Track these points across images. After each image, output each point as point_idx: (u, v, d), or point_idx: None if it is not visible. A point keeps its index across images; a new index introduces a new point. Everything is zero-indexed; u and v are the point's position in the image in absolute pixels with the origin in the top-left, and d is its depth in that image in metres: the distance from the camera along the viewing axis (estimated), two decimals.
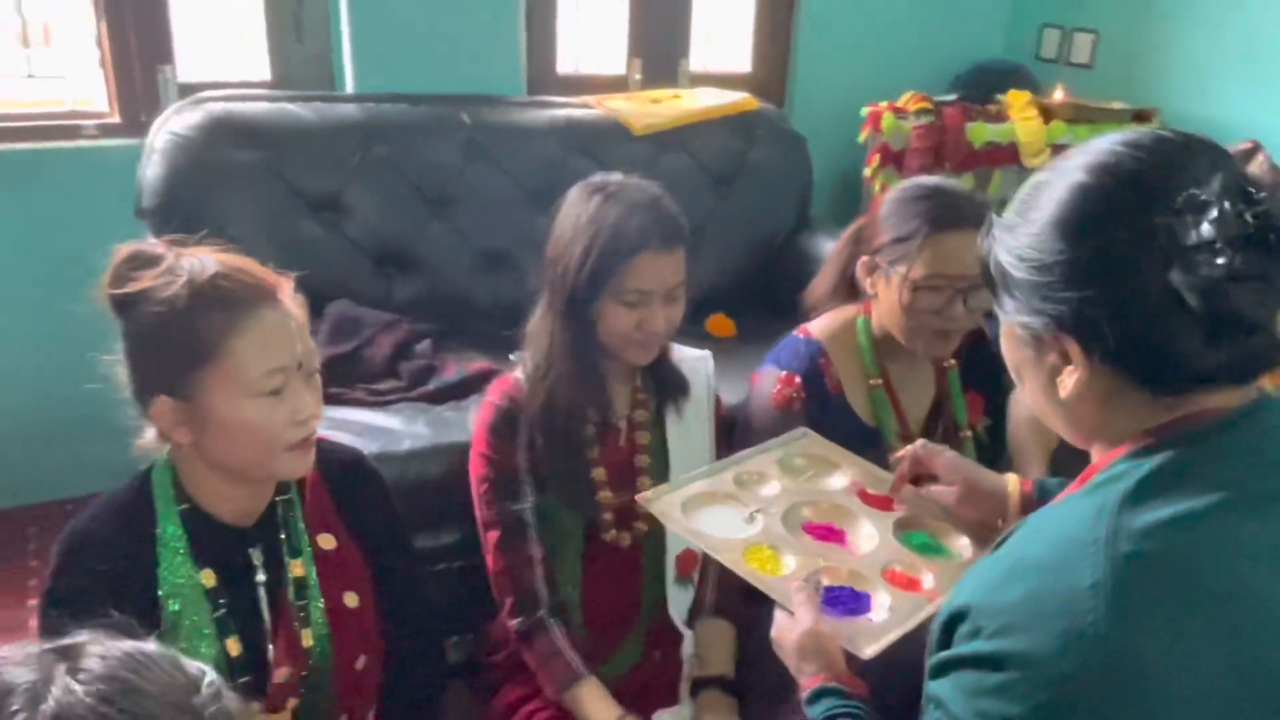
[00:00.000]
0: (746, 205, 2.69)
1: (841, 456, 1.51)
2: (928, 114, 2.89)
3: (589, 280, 1.44)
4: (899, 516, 1.38)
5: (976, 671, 0.82)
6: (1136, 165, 0.84)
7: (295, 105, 2.27)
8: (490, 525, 1.53)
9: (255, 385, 1.12)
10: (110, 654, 0.67)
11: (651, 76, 3.01)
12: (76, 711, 0.62)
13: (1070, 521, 0.84)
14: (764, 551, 1.30)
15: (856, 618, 1.21)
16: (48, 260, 2.32)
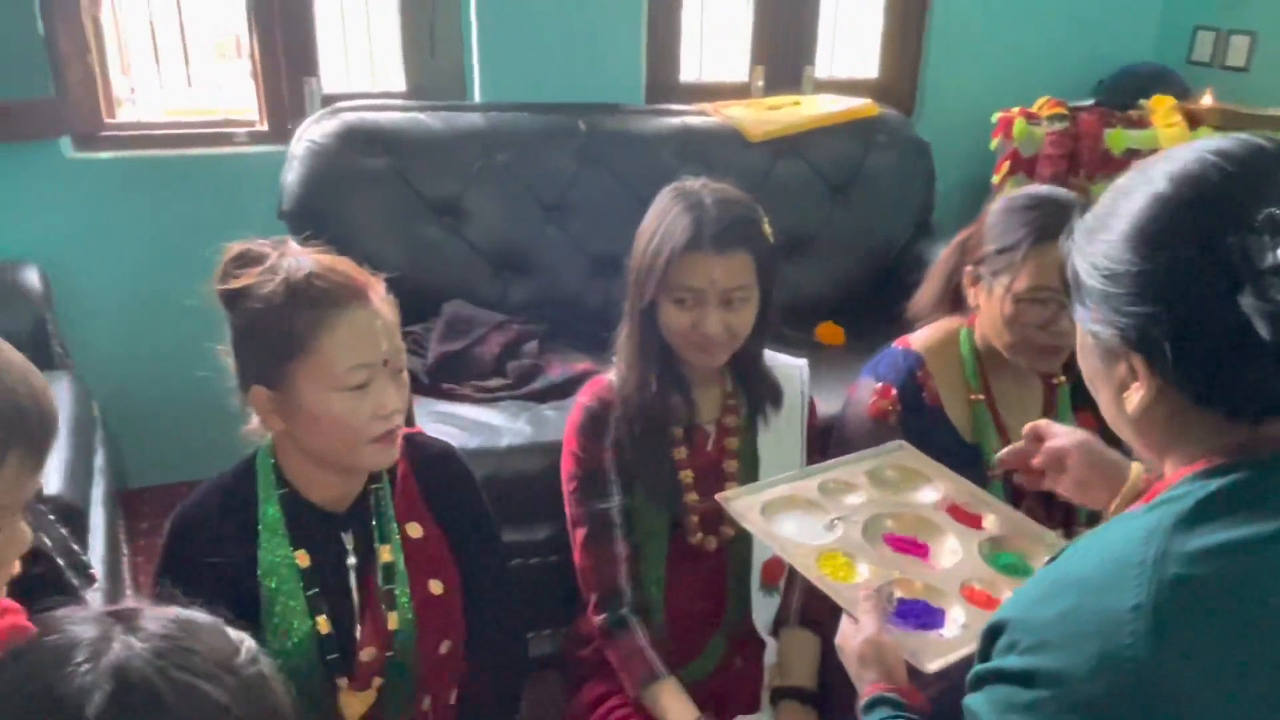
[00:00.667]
0: (863, 213, 2.64)
1: (936, 471, 1.46)
2: (1062, 119, 2.77)
3: (647, 277, 1.47)
4: (989, 535, 1.34)
5: (1009, 686, 0.80)
6: (1219, 177, 0.78)
7: (424, 115, 2.37)
8: (578, 522, 1.55)
9: (341, 380, 1.17)
10: (163, 617, 0.73)
11: (775, 83, 2.98)
12: (134, 664, 0.68)
13: (1120, 541, 0.80)
14: (838, 558, 1.28)
15: (927, 632, 1.18)
16: (199, 259, 2.49)
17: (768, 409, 1.61)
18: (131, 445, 2.59)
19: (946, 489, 1.42)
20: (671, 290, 1.46)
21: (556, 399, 2.00)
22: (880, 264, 2.65)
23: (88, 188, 2.43)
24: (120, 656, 0.68)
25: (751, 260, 1.47)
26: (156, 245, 2.49)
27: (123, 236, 2.48)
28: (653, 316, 1.49)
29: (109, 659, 0.68)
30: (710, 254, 1.44)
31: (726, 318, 1.46)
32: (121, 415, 2.51)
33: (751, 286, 1.48)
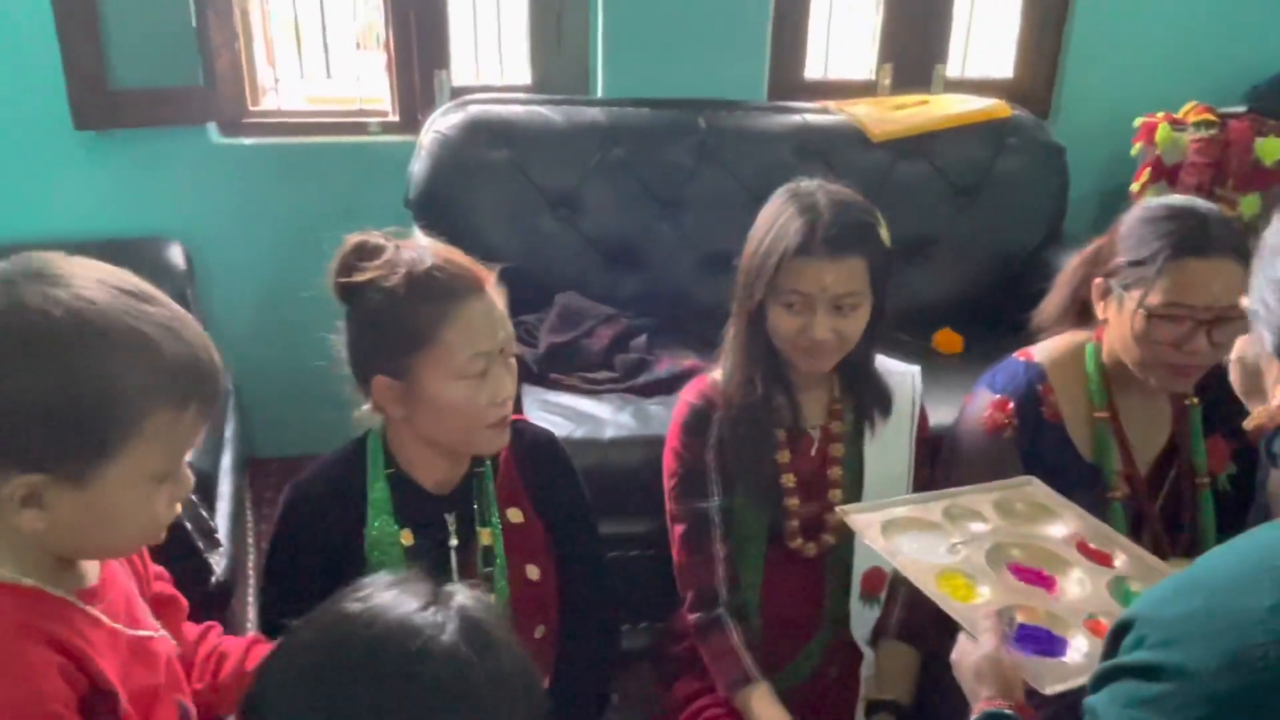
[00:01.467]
0: (989, 217, 2.55)
1: (1066, 508, 1.40)
2: (1210, 126, 2.61)
3: (756, 279, 1.45)
4: (1119, 574, 1.28)
5: (1133, 681, 0.80)
6: None
7: (546, 108, 2.40)
8: (677, 520, 1.54)
9: (462, 369, 1.20)
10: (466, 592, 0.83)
11: (902, 82, 2.90)
12: (473, 610, 0.79)
13: (1258, 546, 0.80)
14: (958, 579, 1.24)
15: (1048, 658, 1.14)
16: (329, 238, 2.58)
17: (875, 416, 1.56)
18: (260, 417, 2.71)
19: (1076, 526, 1.36)
20: (781, 294, 1.43)
21: (662, 394, 2.00)
22: (1005, 271, 2.55)
23: (230, 172, 2.55)
24: (459, 603, 0.79)
25: (865, 265, 1.43)
26: (291, 228, 2.58)
27: (260, 219, 2.59)
28: (760, 318, 1.47)
29: (453, 605, 0.78)
30: (822, 259, 1.40)
31: (836, 323, 1.43)
32: (252, 388, 2.63)
33: (864, 292, 1.44)
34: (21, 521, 0.81)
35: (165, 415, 0.83)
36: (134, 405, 0.81)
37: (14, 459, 0.79)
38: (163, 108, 2.38)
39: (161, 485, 0.87)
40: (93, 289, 0.81)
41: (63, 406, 0.78)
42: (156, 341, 0.82)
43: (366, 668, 0.74)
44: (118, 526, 0.86)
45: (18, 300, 0.78)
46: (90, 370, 0.79)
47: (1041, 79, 3.04)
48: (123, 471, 0.82)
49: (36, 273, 0.81)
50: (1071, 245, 2.57)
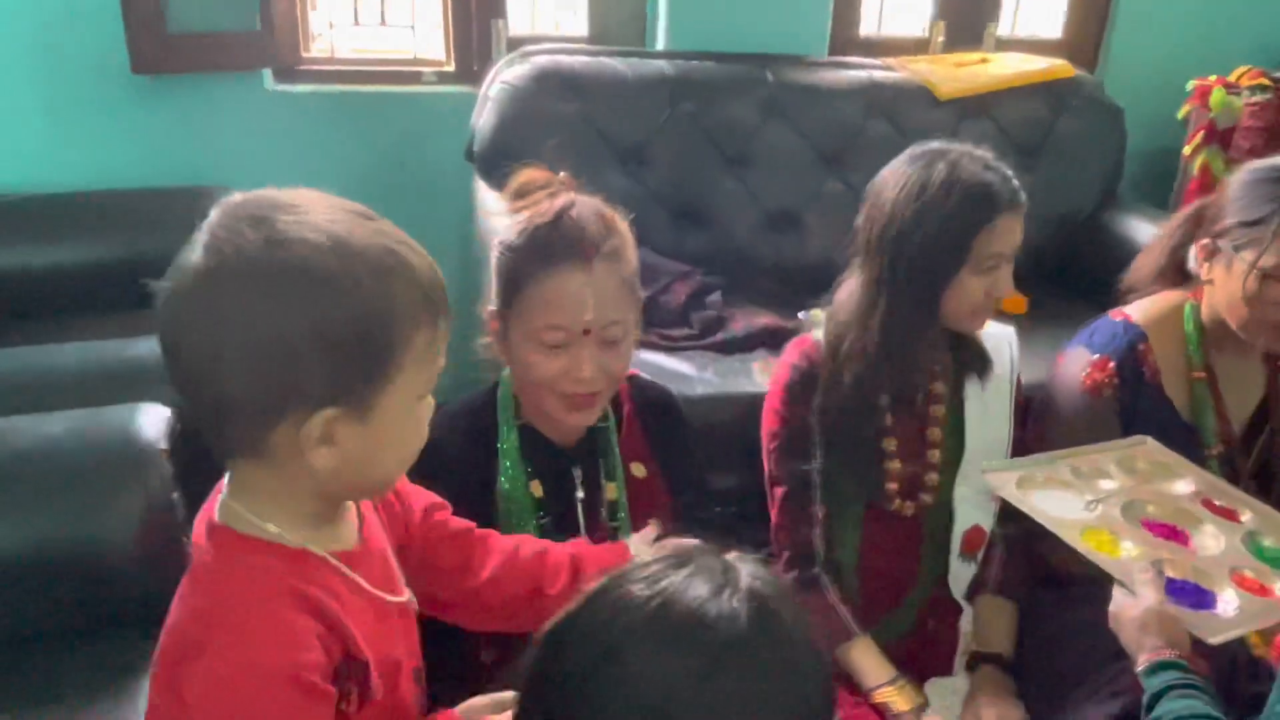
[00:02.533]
0: (1050, 178, 2.53)
1: (1184, 466, 1.42)
2: (1265, 90, 2.60)
3: (951, 249, 1.39)
4: (1249, 529, 1.30)
5: None
6: None
7: (613, 60, 2.35)
8: (777, 481, 1.54)
9: (536, 334, 1.19)
10: (752, 565, 0.74)
11: (955, 40, 2.87)
12: (765, 592, 0.70)
13: None
14: (1102, 535, 1.26)
15: (1199, 611, 1.16)
16: (386, 189, 2.53)
17: (979, 377, 1.56)
18: None
19: (1198, 483, 1.39)
20: (981, 259, 1.39)
21: (741, 352, 2.00)
22: (1065, 233, 2.54)
23: (285, 119, 2.49)
24: (751, 584, 0.70)
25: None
26: (346, 176, 2.53)
27: (315, 166, 2.54)
28: (934, 288, 1.41)
29: (743, 585, 0.70)
30: (1013, 215, 1.40)
31: (1010, 278, 1.43)
32: None
33: None
34: (317, 460, 0.79)
35: (426, 330, 0.82)
36: (404, 324, 0.79)
37: (308, 397, 0.77)
38: (219, 52, 2.32)
39: (422, 404, 0.86)
40: (335, 215, 0.78)
41: (346, 335, 0.76)
42: (405, 258, 0.80)
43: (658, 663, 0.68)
44: (395, 452, 0.85)
45: (277, 236, 0.75)
46: (363, 295, 0.77)
47: (1090, 39, 3.01)
48: (398, 395, 0.81)
49: (275, 205, 0.77)
50: (1127, 207, 2.58)
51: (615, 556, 1.14)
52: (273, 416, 0.77)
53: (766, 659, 0.67)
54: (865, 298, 1.47)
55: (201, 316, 0.75)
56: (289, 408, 0.77)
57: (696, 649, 0.66)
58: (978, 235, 1.38)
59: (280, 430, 0.77)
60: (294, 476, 0.81)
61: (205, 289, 0.75)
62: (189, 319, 0.76)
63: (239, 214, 0.76)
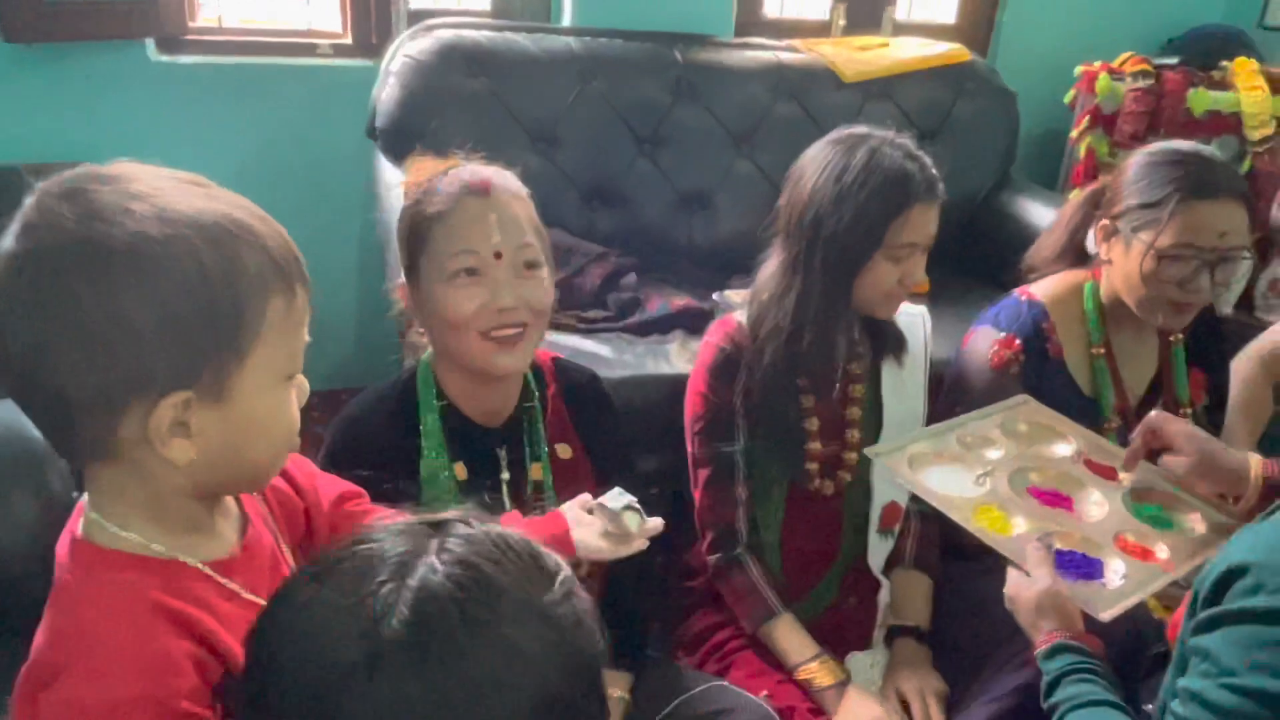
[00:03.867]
0: (949, 160, 2.54)
1: (1065, 425, 1.48)
2: (1145, 77, 2.70)
3: (865, 235, 1.39)
4: (1130, 488, 1.35)
5: (1254, 625, 0.82)
6: None
7: (518, 36, 2.30)
8: (701, 463, 1.54)
9: (447, 270, 1.18)
10: (474, 538, 0.65)
11: (855, 23, 2.90)
12: (434, 591, 0.60)
13: None
14: (993, 511, 1.29)
15: (1090, 582, 1.20)
16: (280, 166, 2.44)
17: (896, 356, 1.59)
18: None
19: (1079, 442, 1.44)
20: (893, 247, 1.41)
21: (658, 333, 1.99)
22: (962, 215, 2.60)
23: (170, 92, 2.34)
24: (423, 581, 0.61)
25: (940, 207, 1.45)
26: (239, 152, 2.41)
27: (205, 142, 2.40)
28: (849, 272, 1.43)
29: (413, 582, 0.61)
30: (928, 204, 1.41)
31: (923, 266, 1.46)
32: None
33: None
34: (173, 453, 0.72)
35: (280, 300, 0.75)
36: (254, 296, 0.73)
37: (149, 382, 0.70)
38: (98, 20, 2.17)
39: (289, 384, 0.80)
40: (161, 184, 0.71)
41: (184, 310, 0.69)
42: (247, 224, 0.73)
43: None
44: (263, 437, 0.78)
45: (96, 210, 0.68)
46: (200, 265, 0.70)
47: (983, 24, 3.10)
48: (256, 374, 0.75)
49: (94, 178, 0.70)
50: (1019, 189, 2.66)
51: (550, 528, 1.12)
52: (116, 408, 0.70)
53: (439, 653, 0.59)
54: (783, 279, 1.48)
55: (20, 306, 0.68)
56: (131, 396, 0.70)
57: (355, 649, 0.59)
58: (892, 223, 1.39)
59: (126, 424, 0.71)
60: (153, 476, 0.74)
61: (21, 275, 0.68)
62: (7, 310, 0.68)
63: (54, 192, 0.70)
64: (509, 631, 0.61)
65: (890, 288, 1.44)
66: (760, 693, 1.38)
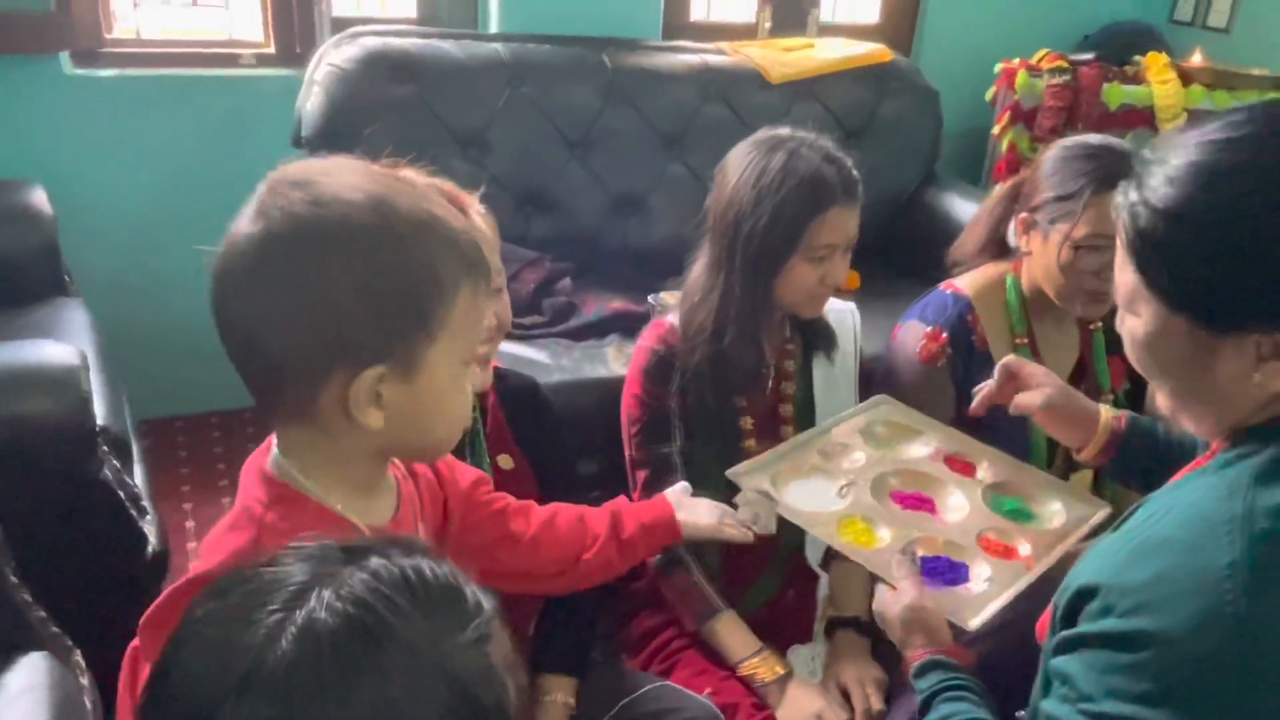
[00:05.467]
0: (875, 158, 2.60)
1: (923, 423, 1.50)
2: (1063, 73, 2.79)
3: (783, 237, 1.40)
4: (989, 483, 1.37)
5: (1108, 650, 0.80)
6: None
7: (445, 43, 2.28)
8: (639, 465, 1.54)
9: None
10: (383, 573, 0.60)
11: (780, 25, 2.94)
12: (316, 629, 0.57)
13: (1202, 499, 0.81)
14: (857, 524, 1.29)
15: (956, 588, 1.20)
16: (205, 180, 2.39)
17: (826, 353, 1.61)
18: (133, 376, 2.49)
19: (936, 440, 1.45)
20: (812, 248, 1.41)
21: (594, 337, 1.99)
22: (890, 211, 2.65)
23: (88, 105, 2.29)
24: (310, 618, 0.57)
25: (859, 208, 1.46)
26: (162, 164, 2.36)
27: (127, 155, 2.35)
28: (769, 272, 1.43)
29: (300, 615, 0.57)
30: (848, 208, 1.42)
31: (845, 266, 1.46)
32: (121, 345, 2.40)
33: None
34: (369, 419, 0.80)
35: (468, 291, 0.82)
36: (447, 283, 0.80)
37: (355, 355, 0.78)
38: (9, 34, 2.10)
39: (467, 368, 0.87)
40: (374, 177, 0.80)
41: (389, 290, 0.77)
42: (444, 219, 0.81)
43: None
44: (442, 414, 0.86)
45: (321, 196, 0.76)
46: (405, 250, 0.78)
47: (905, 24, 3.16)
48: (443, 355, 0.82)
49: (319, 169, 0.79)
50: (945, 185, 2.72)
51: (655, 511, 1.21)
52: (322, 377, 0.78)
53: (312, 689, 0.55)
54: (709, 279, 1.49)
55: (251, 281, 0.77)
56: (337, 366, 0.78)
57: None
58: (809, 225, 1.40)
59: (328, 391, 0.79)
60: (343, 439, 0.82)
61: (254, 253, 0.76)
62: (240, 285, 0.77)
63: (285, 178, 0.78)
64: (386, 681, 0.56)
65: (811, 288, 1.46)
66: (704, 691, 1.38)
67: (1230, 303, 0.81)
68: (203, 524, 2.23)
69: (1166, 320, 0.85)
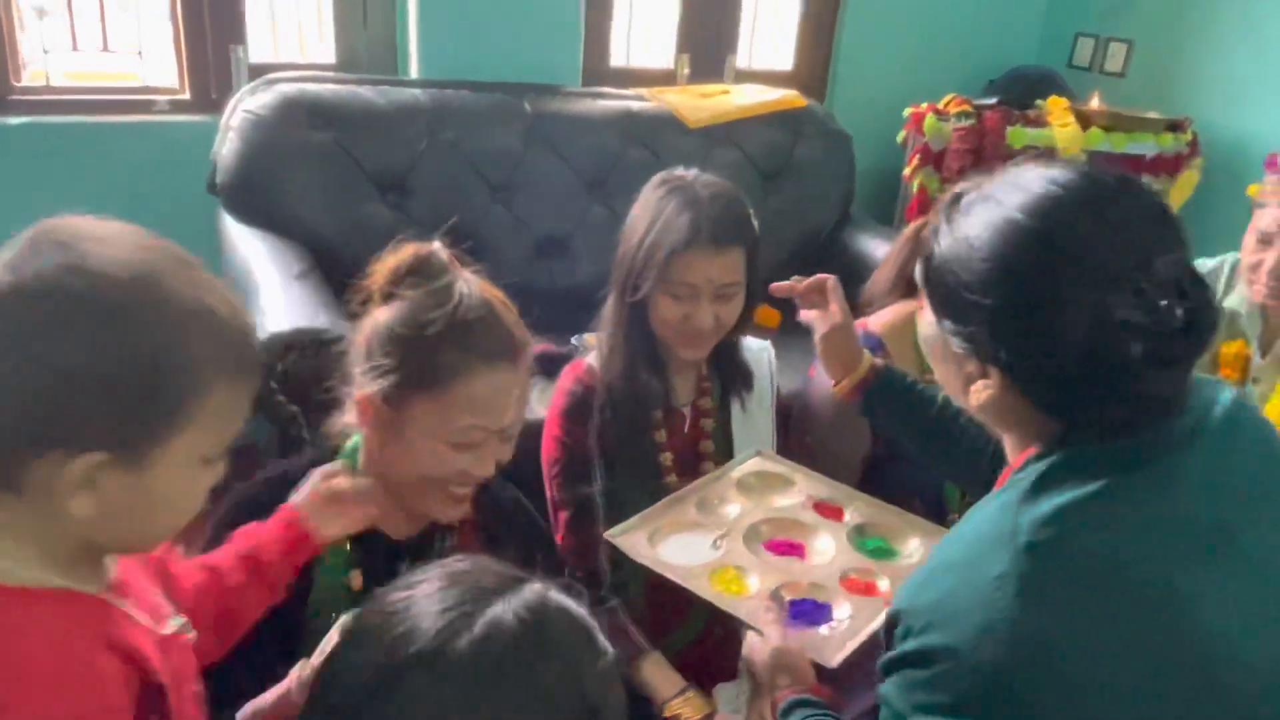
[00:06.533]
0: (792, 200, 2.70)
1: (793, 470, 1.53)
2: (969, 116, 2.89)
3: (643, 269, 1.43)
4: (855, 524, 1.41)
5: (911, 669, 0.85)
6: (1080, 222, 0.83)
7: (364, 89, 2.28)
8: (560, 506, 1.53)
9: (454, 432, 1.09)
10: (550, 598, 0.74)
11: (699, 72, 3.01)
12: (504, 626, 0.70)
13: (982, 521, 0.87)
14: (729, 573, 1.31)
15: (819, 628, 1.23)
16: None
17: (741, 391, 1.63)
18: None
19: (806, 487, 1.49)
20: (669, 285, 1.43)
21: None
22: (807, 251, 2.71)
23: None
24: (498, 613, 0.70)
25: (743, 255, 1.47)
26: (77, 213, 2.30)
27: (37, 204, 2.21)
28: (643, 307, 1.47)
29: (491, 611, 0.70)
30: (708, 252, 1.42)
31: (717, 310, 1.46)
32: None
33: (741, 281, 1.48)
34: (74, 506, 0.72)
35: (225, 390, 0.76)
36: (200, 377, 0.74)
37: (76, 437, 0.70)
38: None
39: (208, 468, 0.79)
40: (148, 254, 0.73)
41: (131, 376, 0.71)
42: (214, 309, 0.75)
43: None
44: (165, 512, 0.79)
45: (78, 263, 0.70)
46: (158, 337, 0.72)
47: (818, 71, 3.25)
48: (181, 451, 0.75)
49: (87, 234, 0.72)
50: (860, 225, 2.79)
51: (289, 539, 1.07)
52: (36, 449, 0.71)
53: (511, 689, 0.69)
54: (610, 314, 1.52)
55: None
56: (54, 444, 0.71)
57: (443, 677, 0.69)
58: (667, 260, 1.41)
59: (39, 467, 0.71)
60: (47, 516, 0.74)
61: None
62: None
63: (51, 234, 0.72)
64: (543, 684, 0.69)
65: (676, 325, 1.46)
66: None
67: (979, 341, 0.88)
68: None
69: (945, 343, 0.93)
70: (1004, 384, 0.88)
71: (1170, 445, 0.85)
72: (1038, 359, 0.84)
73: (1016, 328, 0.84)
